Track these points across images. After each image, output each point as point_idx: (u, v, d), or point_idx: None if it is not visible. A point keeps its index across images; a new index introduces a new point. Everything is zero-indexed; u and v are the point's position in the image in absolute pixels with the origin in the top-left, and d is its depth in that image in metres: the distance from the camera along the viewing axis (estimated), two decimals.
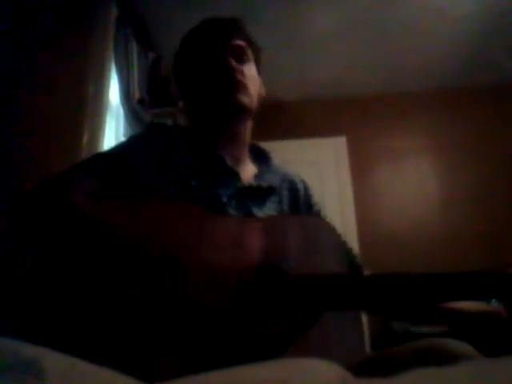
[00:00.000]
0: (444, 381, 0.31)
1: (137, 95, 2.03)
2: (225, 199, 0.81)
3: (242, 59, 0.91)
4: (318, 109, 3.10)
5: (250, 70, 0.92)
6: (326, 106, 3.11)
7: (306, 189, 1.01)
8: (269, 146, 1.05)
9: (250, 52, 0.94)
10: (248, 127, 0.95)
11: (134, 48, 2.07)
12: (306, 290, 0.65)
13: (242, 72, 0.88)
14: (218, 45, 0.90)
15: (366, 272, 0.94)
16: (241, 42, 0.92)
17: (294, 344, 0.60)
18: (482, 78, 2.94)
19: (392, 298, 0.65)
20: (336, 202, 2.85)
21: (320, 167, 2.98)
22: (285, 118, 3.01)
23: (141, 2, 2.19)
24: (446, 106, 3.04)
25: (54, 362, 0.31)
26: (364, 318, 2.34)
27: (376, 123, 3.06)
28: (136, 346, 0.55)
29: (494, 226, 2.70)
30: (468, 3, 2.30)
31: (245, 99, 0.87)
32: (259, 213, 0.85)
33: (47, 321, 0.58)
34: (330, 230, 0.79)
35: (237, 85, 0.86)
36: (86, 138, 1.64)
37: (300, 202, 0.96)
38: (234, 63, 0.87)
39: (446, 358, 0.58)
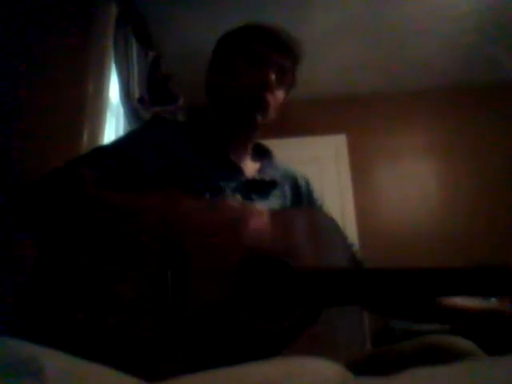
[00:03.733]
0: (444, 380, 0.31)
1: (137, 94, 2.03)
2: (228, 191, 0.81)
3: (279, 81, 0.88)
4: (318, 107, 3.10)
5: (279, 95, 0.91)
6: (326, 104, 3.11)
7: (308, 184, 1.01)
8: (269, 143, 1.05)
9: (289, 78, 0.92)
10: (256, 134, 0.96)
11: (134, 47, 2.07)
12: (307, 283, 0.64)
13: (272, 92, 0.87)
14: (269, 55, 0.87)
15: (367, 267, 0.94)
16: (287, 64, 0.89)
17: (294, 342, 0.60)
18: (482, 77, 2.93)
19: (394, 292, 0.65)
20: (336, 200, 2.85)
21: (320, 165, 2.98)
22: (285, 116, 3.00)
23: (141, 2, 2.19)
24: (446, 105, 3.03)
25: (53, 361, 0.31)
26: (365, 317, 2.34)
27: (376, 122, 3.06)
28: (136, 345, 0.55)
29: (494, 225, 2.70)
30: (468, 3, 2.29)
31: (260, 117, 0.86)
32: (263, 206, 0.85)
33: (47, 320, 0.58)
34: (335, 224, 0.79)
35: (261, 102, 0.85)
36: (85, 137, 1.64)
37: (302, 198, 0.97)
38: (273, 79, 0.85)
39: (448, 356, 0.58)
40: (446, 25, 2.46)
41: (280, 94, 0.91)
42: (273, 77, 0.85)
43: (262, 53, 0.87)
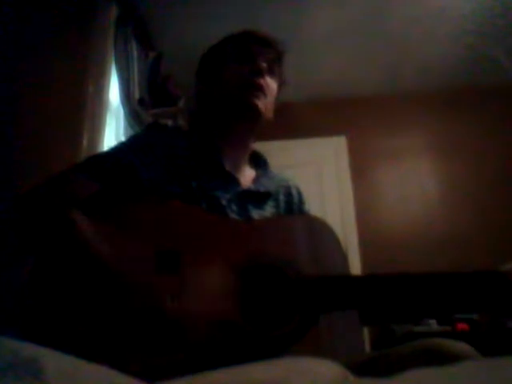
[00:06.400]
0: (444, 381, 0.31)
1: (137, 95, 2.03)
2: (224, 202, 0.81)
3: (270, 70, 0.91)
4: (318, 108, 3.10)
5: (272, 84, 0.92)
6: (325, 106, 3.11)
7: (300, 195, 1.02)
8: (269, 146, 1.05)
9: (278, 71, 0.95)
10: (252, 136, 0.95)
11: (134, 48, 2.07)
12: (304, 290, 0.65)
13: (265, 80, 0.89)
14: (254, 48, 0.91)
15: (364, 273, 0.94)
16: (274, 57, 0.94)
17: (293, 348, 0.60)
18: (482, 77, 2.93)
19: (390, 298, 0.65)
20: (336, 202, 2.85)
21: (320, 167, 2.98)
22: (284, 118, 2.99)
23: (141, 2, 2.19)
24: (446, 106, 3.03)
25: (53, 361, 0.31)
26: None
27: (376, 123, 3.06)
28: (136, 345, 0.55)
29: (493, 225, 2.70)
30: (468, 3, 2.30)
31: (261, 104, 0.87)
32: (258, 217, 0.85)
33: (47, 321, 0.58)
34: (332, 231, 0.79)
35: (257, 88, 0.87)
36: (85, 137, 1.64)
37: (294, 208, 0.97)
38: (263, 66, 0.88)
39: (446, 358, 0.58)
40: (446, 26, 2.47)
41: (273, 84, 0.93)
42: (263, 64, 0.88)
43: (249, 48, 0.91)
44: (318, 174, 2.93)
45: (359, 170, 2.96)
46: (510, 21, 2.40)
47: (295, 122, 3.05)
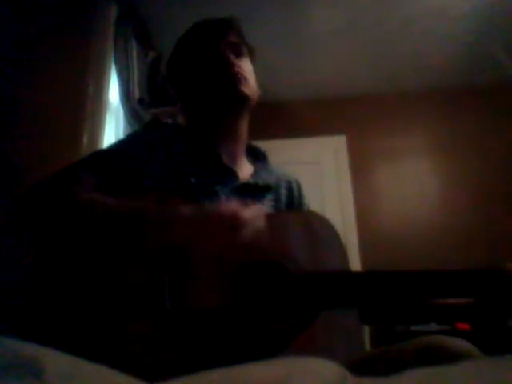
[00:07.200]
0: (445, 380, 0.31)
1: (137, 95, 2.02)
2: (223, 197, 0.81)
3: (238, 54, 0.92)
4: (318, 108, 3.10)
5: (247, 65, 0.93)
6: (325, 105, 3.11)
7: (300, 189, 1.02)
8: (269, 145, 1.05)
9: (244, 48, 0.95)
10: (245, 124, 0.95)
11: (134, 48, 2.07)
12: (305, 286, 0.65)
13: (239, 66, 0.89)
14: (213, 41, 0.91)
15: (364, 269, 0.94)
16: (235, 39, 0.93)
17: (294, 342, 0.60)
18: (481, 77, 2.93)
19: (390, 295, 0.65)
20: (336, 201, 2.85)
21: (320, 166, 2.98)
22: (285, 117, 3.01)
23: (141, 2, 2.19)
24: (446, 105, 3.03)
25: (53, 361, 0.31)
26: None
27: (376, 122, 3.06)
28: (136, 345, 0.55)
29: (493, 225, 2.70)
30: (468, 3, 2.30)
31: (247, 91, 0.88)
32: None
33: (47, 320, 0.58)
34: (332, 227, 0.79)
35: (237, 77, 0.87)
36: (85, 137, 1.64)
37: (294, 202, 0.97)
38: (231, 57, 0.88)
39: (447, 356, 0.58)
40: (446, 25, 2.47)
41: (247, 64, 0.93)
42: (231, 55, 0.89)
43: (209, 44, 0.91)
44: (317, 174, 2.93)
45: (359, 170, 2.96)
46: (509, 19, 2.40)
47: (295, 121, 3.05)
